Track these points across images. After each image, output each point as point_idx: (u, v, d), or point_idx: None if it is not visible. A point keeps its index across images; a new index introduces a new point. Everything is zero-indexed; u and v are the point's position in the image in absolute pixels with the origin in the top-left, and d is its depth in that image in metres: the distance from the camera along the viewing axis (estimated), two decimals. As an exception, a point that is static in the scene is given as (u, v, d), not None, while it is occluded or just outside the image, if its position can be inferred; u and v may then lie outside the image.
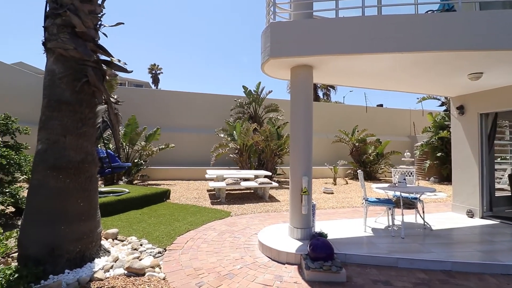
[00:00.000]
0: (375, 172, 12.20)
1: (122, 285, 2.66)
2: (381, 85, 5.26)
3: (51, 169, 2.82)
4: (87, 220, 3.05)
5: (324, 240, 3.20)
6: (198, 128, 13.01)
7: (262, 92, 11.66)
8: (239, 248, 3.81)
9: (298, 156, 3.93)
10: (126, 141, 9.41)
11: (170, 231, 4.42)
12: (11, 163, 4.30)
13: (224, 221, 5.16)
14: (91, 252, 3.08)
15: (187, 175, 10.98)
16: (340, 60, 3.72)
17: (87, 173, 3.05)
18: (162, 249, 3.66)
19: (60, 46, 2.96)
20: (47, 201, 2.83)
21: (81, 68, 3.06)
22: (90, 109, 3.15)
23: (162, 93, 13.97)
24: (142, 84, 36.80)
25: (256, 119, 11.63)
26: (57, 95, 2.93)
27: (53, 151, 2.85)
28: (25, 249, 2.80)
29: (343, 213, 5.99)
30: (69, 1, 3.03)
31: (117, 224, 4.70)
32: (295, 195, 3.88)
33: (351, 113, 15.69)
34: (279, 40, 3.64)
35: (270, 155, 10.27)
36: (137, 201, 5.93)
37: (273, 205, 6.65)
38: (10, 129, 4.77)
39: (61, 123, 2.89)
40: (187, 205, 6.32)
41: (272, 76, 4.58)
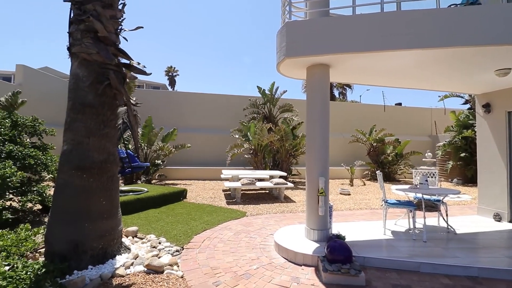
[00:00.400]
0: (394, 173, 11.84)
1: (142, 282, 2.74)
2: (400, 83, 5.10)
3: (75, 169, 2.95)
4: (109, 218, 3.16)
5: (341, 242, 3.14)
6: (213, 129, 13.16)
7: (276, 92, 11.62)
8: (255, 248, 3.81)
9: (314, 157, 3.88)
10: (144, 142, 9.67)
11: (187, 230, 4.50)
12: (38, 163, 4.53)
13: (240, 221, 5.18)
14: (112, 249, 3.19)
15: (203, 175, 11.13)
16: (358, 58, 3.64)
17: (109, 173, 3.16)
18: (180, 248, 3.73)
19: (84, 51, 3.09)
20: (72, 199, 2.96)
21: (103, 72, 3.18)
22: (111, 111, 3.26)
23: (178, 95, 14.25)
24: (159, 86, 37.69)
25: (270, 119, 11.61)
26: (81, 98, 3.05)
27: (77, 151, 2.98)
28: (51, 245, 2.94)
29: (360, 215, 5.86)
30: (92, 7, 3.15)
31: (136, 222, 4.84)
32: (312, 196, 3.83)
33: (368, 112, 15.31)
34: (295, 39, 3.61)
35: (285, 156, 10.21)
36: (155, 200, 6.07)
37: (289, 205, 6.61)
38: (38, 130, 5.03)
39: (85, 125, 3.02)
40: (203, 205, 6.41)
41: (288, 76, 4.56)
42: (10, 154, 4.16)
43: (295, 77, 4.79)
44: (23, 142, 4.67)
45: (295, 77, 4.79)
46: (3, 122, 4.38)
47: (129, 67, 3.54)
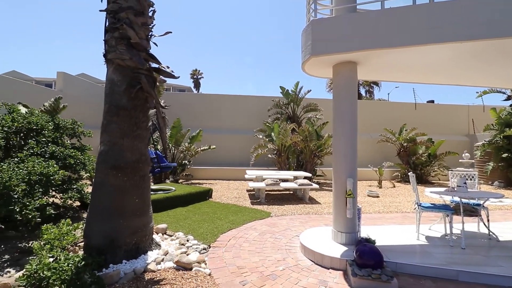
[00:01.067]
0: (427, 175, 11.17)
1: (172, 277, 2.84)
2: (434, 79, 4.81)
3: (111, 168, 3.13)
4: (141, 215, 3.31)
5: (372, 246, 3.02)
6: (237, 129, 13.31)
7: (300, 91, 11.48)
8: (281, 249, 3.79)
9: (341, 157, 3.78)
10: (172, 143, 10.03)
11: (213, 228, 4.59)
12: (77, 163, 4.87)
13: (265, 221, 5.18)
14: (144, 245, 3.34)
15: (227, 175, 11.29)
16: (389, 54, 3.48)
17: (141, 172, 3.31)
18: (207, 246, 3.81)
19: (118, 57, 3.27)
20: (108, 197, 3.14)
21: (136, 76, 3.34)
22: (143, 114, 3.42)
23: (203, 97, 14.62)
24: (184, 88, 38.91)
25: (294, 119, 11.49)
26: (116, 101, 3.24)
27: (113, 152, 3.16)
28: (90, 239, 3.14)
29: (390, 218, 5.60)
30: (125, 15, 3.33)
31: (165, 220, 5.02)
32: (339, 198, 3.73)
33: (398, 111, 14.60)
34: (321, 37, 3.54)
35: (309, 156, 10.06)
36: (183, 199, 6.27)
37: (314, 207, 6.49)
38: (77, 132, 5.42)
39: (119, 127, 3.19)
40: (228, 204, 6.50)
41: (313, 75, 4.48)
42: (53, 154, 4.52)
43: (320, 76, 4.70)
44: (64, 143, 5.05)
45: (320, 76, 4.70)
46: (47, 125, 4.77)
47: (159, 71, 3.68)
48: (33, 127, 4.48)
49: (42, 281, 2.54)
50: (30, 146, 4.20)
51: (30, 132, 4.52)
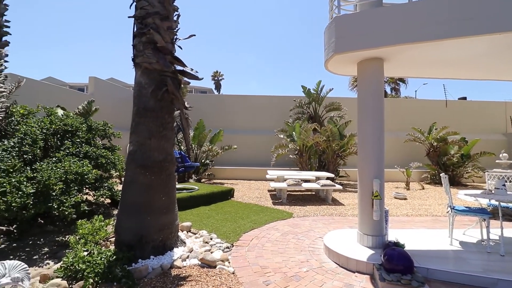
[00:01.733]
0: (460, 177, 10.50)
1: (197, 274, 2.90)
2: (467, 74, 4.51)
3: (140, 167, 3.27)
4: (167, 213, 3.43)
5: (401, 251, 2.90)
6: (258, 130, 13.35)
7: (322, 90, 11.27)
8: (304, 250, 3.74)
9: (368, 157, 3.65)
10: (195, 143, 10.27)
11: (235, 228, 4.63)
12: (108, 162, 5.14)
13: (287, 222, 5.15)
14: (170, 241, 3.45)
15: (248, 175, 11.36)
16: (418, 49, 3.32)
17: (167, 171, 3.43)
18: (230, 245, 3.86)
19: (146, 61, 3.40)
20: (137, 195, 3.28)
21: (162, 79, 3.46)
22: (169, 115, 3.54)
23: (224, 98, 14.83)
24: (206, 90, 39.70)
25: (316, 119, 11.30)
26: (143, 103, 3.38)
27: (141, 151, 3.30)
28: (120, 235, 3.30)
29: (420, 222, 5.33)
30: (152, 20, 3.46)
31: (189, 218, 5.15)
32: (365, 199, 3.61)
33: (427, 109, 13.86)
34: (345, 34, 3.46)
35: (331, 156, 9.84)
36: (206, 198, 6.39)
37: (337, 208, 6.34)
38: (107, 133, 5.72)
39: (147, 128, 3.33)
40: (250, 204, 6.53)
41: (336, 73, 4.39)
42: (87, 154, 4.81)
43: (344, 74, 4.59)
44: (96, 144, 5.35)
45: (344, 74, 4.59)
46: (81, 127, 5.08)
47: (183, 73, 3.79)
48: (68, 128, 4.79)
49: (77, 273, 2.71)
50: (66, 147, 4.50)
51: (66, 134, 4.84)
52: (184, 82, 4.05)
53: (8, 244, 3.66)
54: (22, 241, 3.80)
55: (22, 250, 3.52)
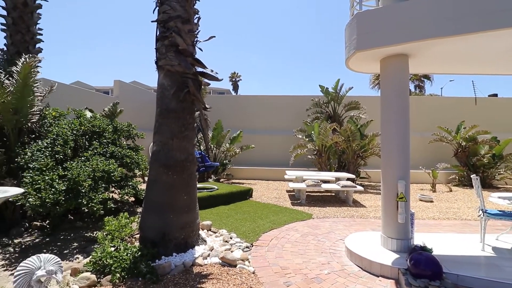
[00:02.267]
0: (491, 178, 9.86)
1: (218, 273, 2.94)
2: (498, 69, 4.24)
3: (163, 166, 3.37)
4: (189, 212, 3.50)
5: (429, 255, 2.77)
6: (275, 130, 13.31)
7: (341, 89, 11.02)
8: (325, 252, 3.68)
9: (392, 158, 3.53)
10: (214, 143, 10.42)
11: (255, 227, 4.65)
12: (132, 162, 5.34)
13: (306, 223, 5.09)
14: (192, 240, 3.52)
15: (266, 175, 11.35)
16: (447, 44, 3.15)
17: (188, 171, 3.50)
18: (249, 244, 3.87)
19: (168, 63, 3.50)
20: (160, 193, 3.38)
21: (183, 80, 3.55)
22: (190, 115, 3.61)
23: (242, 98, 14.93)
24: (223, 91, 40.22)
25: (335, 119, 11.08)
26: (166, 104, 3.47)
27: (164, 151, 3.40)
28: (144, 232, 3.41)
29: (448, 225, 5.07)
30: (173, 24, 3.55)
31: (209, 217, 5.23)
32: (389, 201, 3.49)
33: (454, 107, 13.14)
34: (367, 30, 3.37)
35: (352, 157, 9.61)
36: (225, 197, 6.46)
37: (358, 210, 6.18)
38: (132, 134, 5.94)
39: (169, 128, 3.42)
40: (268, 204, 6.53)
41: (358, 70, 4.28)
42: (113, 154, 5.02)
43: (366, 72, 4.48)
44: (121, 144, 5.57)
45: (366, 72, 4.48)
46: (107, 128, 5.31)
47: (204, 74, 3.85)
48: (96, 130, 5.03)
49: (105, 267, 2.83)
50: (94, 147, 4.73)
51: (94, 134, 5.08)
52: (204, 83, 4.12)
53: (42, 239, 3.90)
54: (54, 235, 4.04)
55: (54, 245, 3.74)
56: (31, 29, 4.84)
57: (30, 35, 4.82)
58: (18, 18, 4.68)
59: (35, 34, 4.94)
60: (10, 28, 4.68)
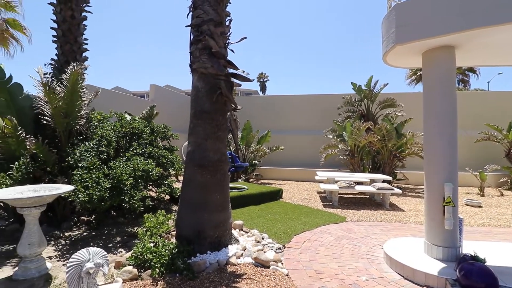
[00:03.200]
0: (553, 182, 8.74)
1: (252, 273, 2.94)
2: None
3: (197, 166, 3.46)
4: (222, 211, 3.55)
5: (481, 266, 2.51)
6: (305, 130, 13.08)
7: (375, 86, 10.48)
8: (361, 257, 3.51)
9: (436, 158, 3.27)
10: (243, 144, 10.53)
11: (286, 229, 4.59)
12: (168, 162, 5.57)
13: (340, 226, 4.91)
14: (225, 239, 3.57)
15: (296, 176, 11.20)
16: (501, 32, 2.84)
17: (221, 171, 3.56)
18: (282, 246, 3.83)
19: (202, 66, 3.59)
20: (195, 192, 3.48)
21: (216, 82, 3.61)
22: (222, 116, 3.67)
23: (270, 98, 14.90)
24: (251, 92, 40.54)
25: (368, 117, 10.57)
26: (200, 106, 3.57)
27: (198, 152, 3.49)
28: (180, 230, 3.53)
29: (501, 234, 4.57)
30: (207, 27, 3.64)
31: (240, 217, 5.28)
32: (433, 205, 3.23)
33: (504, 102, 11.84)
34: (407, 21, 3.16)
35: (387, 157, 9.10)
36: (255, 198, 6.48)
37: (396, 214, 5.83)
38: (167, 135, 6.21)
39: (203, 129, 3.50)
40: (299, 205, 6.42)
41: (396, 65, 4.04)
42: (150, 154, 5.29)
43: (405, 67, 4.21)
44: (157, 145, 5.85)
45: (405, 67, 4.21)
46: (145, 129, 5.61)
47: (235, 75, 3.89)
48: (135, 131, 5.33)
49: (146, 262, 2.98)
50: (133, 147, 5.02)
51: (133, 136, 5.39)
52: (236, 84, 4.17)
53: (89, 233, 4.23)
54: (99, 230, 4.35)
55: (99, 238, 4.03)
56: (78, 39, 5.26)
57: (77, 45, 5.24)
58: (67, 30, 5.12)
59: (81, 44, 5.37)
60: (60, 40, 5.13)
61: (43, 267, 2.94)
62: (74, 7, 5.17)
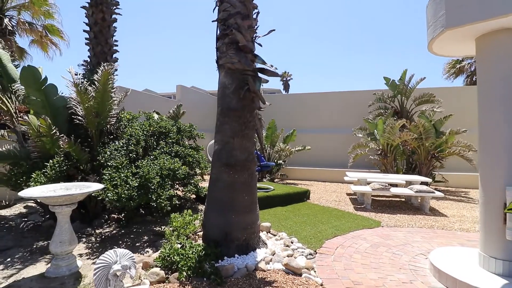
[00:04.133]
0: None
1: (283, 281, 2.73)
2: None
3: (224, 165, 3.32)
4: (250, 212, 3.39)
5: (562, 288, 2.09)
6: (330, 128, 12.57)
7: (410, 81, 9.73)
8: (403, 268, 3.16)
9: (494, 158, 2.83)
10: (268, 143, 10.33)
11: (316, 233, 4.32)
12: (194, 161, 5.54)
13: (375, 232, 4.54)
14: (253, 242, 3.40)
15: (322, 176, 10.79)
16: None
17: (249, 170, 3.39)
18: (313, 251, 3.58)
19: (228, 61, 3.44)
20: (222, 192, 3.35)
21: (243, 78, 3.45)
22: (250, 114, 3.50)
23: (294, 96, 14.54)
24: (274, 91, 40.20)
25: (403, 114, 9.86)
26: (227, 103, 3.43)
27: (225, 150, 3.35)
28: (207, 231, 3.42)
29: None
30: (233, 21, 3.48)
31: (267, 218, 5.09)
32: (492, 212, 2.80)
33: None
34: (460, 2, 2.76)
35: (424, 157, 8.40)
36: (282, 198, 6.26)
37: (438, 220, 5.30)
38: (193, 134, 6.19)
39: (230, 127, 3.36)
40: (328, 208, 6.09)
41: (442, 54, 3.62)
42: (177, 153, 5.28)
43: (453, 55, 3.78)
44: (184, 144, 5.84)
45: (453, 55, 3.78)
46: (172, 129, 5.62)
47: (263, 71, 3.70)
48: (162, 130, 5.35)
49: (173, 264, 2.89)
50: (161, 146, 5.03)
51: (160, 135, 5.42)
52: (264, 80, 3.98)
53: (118, 230, 4.27)
54: (128, 227, 4.39)
55: (128, 237, 4.05)
56: (108, 41, 5.39)
57: (108, 47, 5.37)
58: (98, 32, 5.26)
59: (112, 45, 5.50)
60: (92, 42, 5.29)
61: (73, 265, 2.97)
62: (104, 9, 5.30)
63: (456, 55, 3.79)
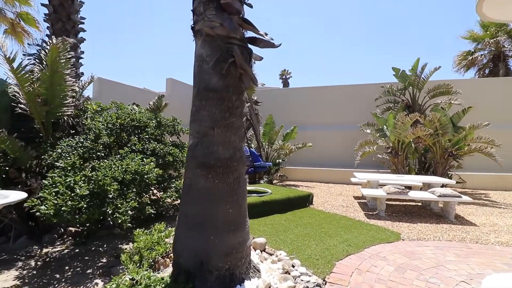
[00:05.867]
0: None
1: None
2: None
3: (200, 166, 2.42)
4: (236, 231, 2.49)
5: None
6: (335, 125, 11.65)
7: (423, 71, 8.80)
8: (450, 308, 2.27)
9: None
10: (266, 140, 9.43)
11: (323, 250, 3.44)
12: (176, 160, 4.64)
13: (396, 247, 3.65)
14: (240, 270, 2.50)
15: (325, 177, 9.91)
16: None
17: (235, 173, 2.49)
18: (321, 281, 2.69)
19: (207, 25, 2.54)
20: (197, 203, 2.45)
21: (227, 47, 2.55)
22: (237, 96, 2.59)
23: (294, 91, 13.62)
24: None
25: (414, 108, 8.93)
26: (205, 81, 2.52)
27: (202, 145, 2.45)
28: (178, 256, 2.52)
29: None
30: (213, -27, 2.58)
31: (262, 230, 4.21)
32: None
33: None
34: None
35: (440, 156, 7.50)
36: (280, 204, 5.36)
37: (467, 230, 4.42)
38: (176, 130, 5.29)
39: (209, 113, 2.46)
40: (335, 215, 5.19)
41: (493, 17, 2.72)
42: (154, 151, 4.38)
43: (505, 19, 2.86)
44: (164, 141, 4.94)
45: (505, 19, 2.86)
46: (149, 122, 4.72)
47: (254, 40, 2.81)
48: (136, 124, 4.45)
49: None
50: (132, 143, 4.12)
51: (135, 129, 4.52)
52: (256, 57, 3.08)
53: (71, 250, 3.36)
54: (87, 244, 3.50)
55: (81, 259, 3.14)
56: (72, 17, 4.50)
57: (71, 24, 4.48)
58: (59, 6, 4.37)
59: (76, 22, 4.59)
60: (51, 17, 4.41)
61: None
62: (65, -23, 4.39)
63: (507, 20, 2.90)
